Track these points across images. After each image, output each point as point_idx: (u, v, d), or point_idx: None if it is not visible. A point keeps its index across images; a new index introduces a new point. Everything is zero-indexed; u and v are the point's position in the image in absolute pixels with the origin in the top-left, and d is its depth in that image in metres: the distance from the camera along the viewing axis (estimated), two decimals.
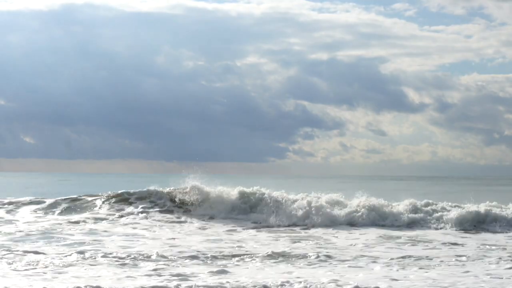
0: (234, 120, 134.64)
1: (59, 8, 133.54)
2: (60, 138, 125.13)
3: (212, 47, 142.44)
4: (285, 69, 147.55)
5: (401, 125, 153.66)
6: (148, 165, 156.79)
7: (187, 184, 27.13)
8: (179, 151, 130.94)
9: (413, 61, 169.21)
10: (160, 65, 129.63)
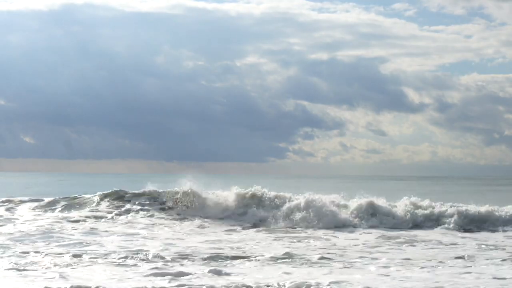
0: (234, 120, 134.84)
1: (59, 8, 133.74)
2: (60, 138, 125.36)
3: (212, 47, 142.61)
4: (285, 69, 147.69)
5: (401, 125, 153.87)
6: (148, 165, 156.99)
7: (184, 187, 27.04)
8: (179, 151, 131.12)
9: (413, 61, 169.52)
10: (160, 65, 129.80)
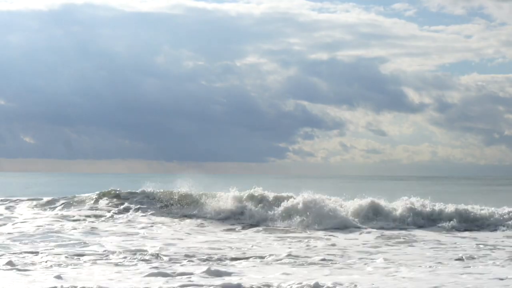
0: (234, 120, 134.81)
1: (59, 8, 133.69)
2: (60, 138, 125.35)
3: (212, 47, 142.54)
4: (285, 69, 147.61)
5: (401, 125, 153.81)
6: (148, 165, 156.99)
7: (182, 189, 27.03)
8: (179, 151, 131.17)
9: (413, 61, 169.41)
10: (160, 65, 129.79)
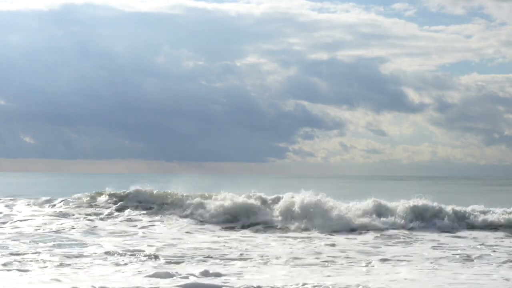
0: (234, 120, 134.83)
1: (59, 8, 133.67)
2: (60, 138, 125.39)
3: (212, 47, 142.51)
4: (285, 69, 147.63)
5: (401, 125, 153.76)
6: (148, 165, 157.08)
7: (180, 189, 26.98)
8: (179, 151, 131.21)
9: (413, 61, 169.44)
10: (160, 65, 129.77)
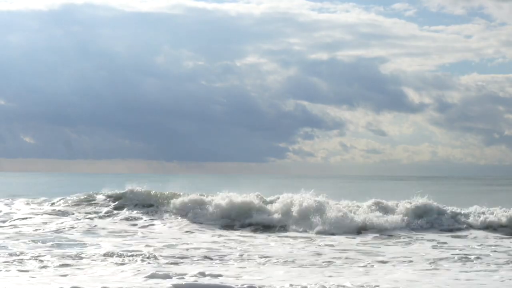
0: (234, 120, 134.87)
1: (59, 8, 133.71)
2: (60, 138, 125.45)
3: (212, 47, 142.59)
4: (285, 69, 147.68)
5: (401, 125, 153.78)
6: (148, 165, 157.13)
7: (180, 190, 26.89)
8: (179, 151, 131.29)
9: (413, 61, 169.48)
10: (160, 65, 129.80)
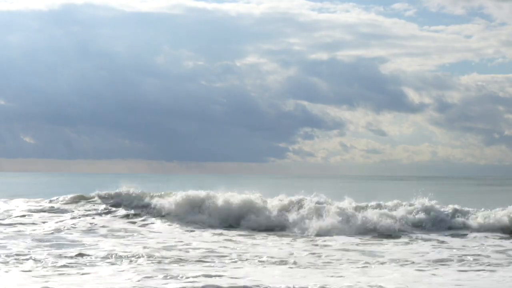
0: (234, 120, 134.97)
1: (59, 8, 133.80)
2: (60, 138, 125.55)
3: (212, 47, 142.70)
4: (285, 69, 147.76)
5: (401, 125, 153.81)
6: (148, 165, 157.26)
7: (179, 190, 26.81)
8: (179, 151, 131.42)
9: (413, 61, 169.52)
10: (160, 65, 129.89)
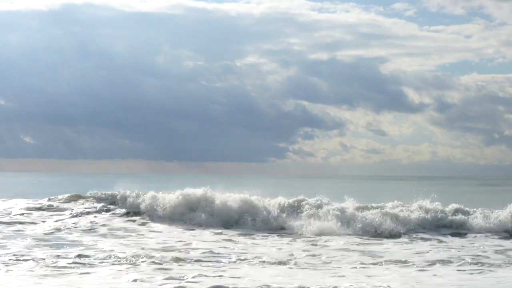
0: (234, 120, 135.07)
1: (59, 8, 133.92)
2: (60, 138, 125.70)
3: (212, 47, 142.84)
4: (285, 69, 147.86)
5: (401, 125, 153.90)
6: (148, 165, 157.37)
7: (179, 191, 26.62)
8: (179, 151, 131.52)
9: (413, 61, 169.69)
10: (160, 65, 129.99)
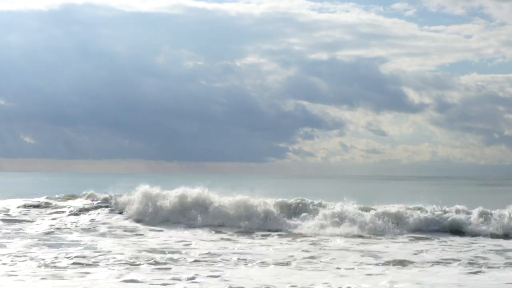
0: (234, 120, 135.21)
1: (59, 8, 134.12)
2: (60, 138, 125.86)
3: (212, 47, 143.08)
4: (285, 69, 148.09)
5: (401, 125, 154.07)
6: (148, 165, 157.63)
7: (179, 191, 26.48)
8: (179, 151, 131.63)
9: (413, 61, 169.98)
10: (160, 65, 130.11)
